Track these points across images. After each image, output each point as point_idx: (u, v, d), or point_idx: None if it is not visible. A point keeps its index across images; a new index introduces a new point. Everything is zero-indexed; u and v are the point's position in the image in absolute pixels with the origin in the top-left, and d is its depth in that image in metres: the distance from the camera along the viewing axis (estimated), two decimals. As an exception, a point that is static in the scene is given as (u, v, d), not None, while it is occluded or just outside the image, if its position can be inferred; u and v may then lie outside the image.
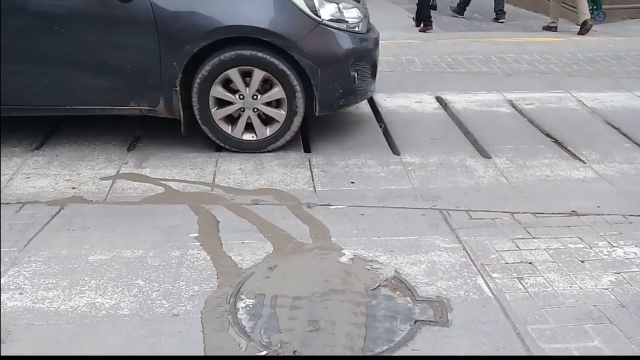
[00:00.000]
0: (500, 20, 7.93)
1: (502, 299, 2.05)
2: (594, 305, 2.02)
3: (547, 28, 7.31)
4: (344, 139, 3.57)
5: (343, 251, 2.36)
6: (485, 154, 3.39)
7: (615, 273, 2.22)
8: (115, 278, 2.15)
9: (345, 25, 3.29)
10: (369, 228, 2.56)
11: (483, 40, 6.40)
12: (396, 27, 7.89)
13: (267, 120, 3.31)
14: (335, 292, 2.08)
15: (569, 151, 3.45)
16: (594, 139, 3.63)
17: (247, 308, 1.99)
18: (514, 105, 4.20)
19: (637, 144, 3.56)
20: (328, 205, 2.77)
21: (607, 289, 2.12)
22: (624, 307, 2.02)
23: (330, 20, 3.24)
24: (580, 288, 2.13)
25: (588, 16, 7.01)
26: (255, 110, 3.26)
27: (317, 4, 3.21)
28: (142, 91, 3.20)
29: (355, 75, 3.33)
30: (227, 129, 3.30)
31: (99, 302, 2.01)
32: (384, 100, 4.24)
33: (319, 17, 3.20)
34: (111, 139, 3.42)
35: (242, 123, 3.29)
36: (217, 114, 3.25)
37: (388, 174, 3.12)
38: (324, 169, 3.17)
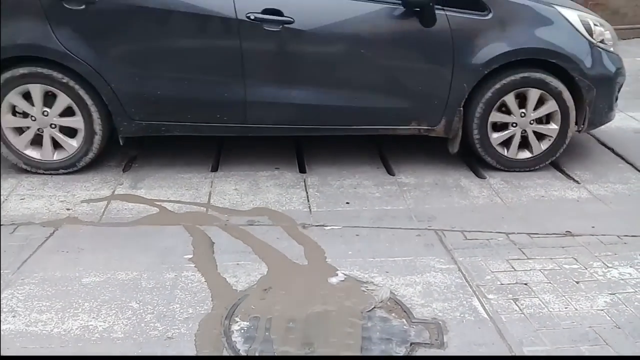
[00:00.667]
0: None
1: (497, 321, 2.05)
2: (590, 327, 2.02)
3: None
4: (339, 158, 3.58)
5: (338, 272, 2.36)
6: (479, 174, 3.40)
7: (611, 294, 2.22)
8: (109, 300, 2.13)
9: (607, 46, 3.44)
10: (364, 249, 2.56)
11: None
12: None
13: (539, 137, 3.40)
14: (330, 314, 2.07)
15: (562, 171, 3.46)
16: (588, 159, 3.66)
17: (242, 330, 1.98)
18: (508, 126, 4.21)
19: (631, 164, 3.58)
20: (323, 225, 2.77)
21: (602, 310, 2.12)
22: (619, 328, 2.01)
23: (600, 41, 3.38)
24: (576, 309, 2.12)
25: None
26: (524, 131, 3.36)
27: (592, 26, 3.35)
28: (427, 111, 3.31)
29: (617, 94, 3.51)
30: (502, 150, 3.40)
31: (92, 324, 1.99)
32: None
33: (593, 38, 3.34)
34: (107, 160, 3.42)
35: (515, 142, 3.39)
36: (496, 138, 3.36)
37: (383, 194, 3.13)
38: (319, 189, 3.18)
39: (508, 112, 3.33)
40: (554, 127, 3.36)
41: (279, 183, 3.23)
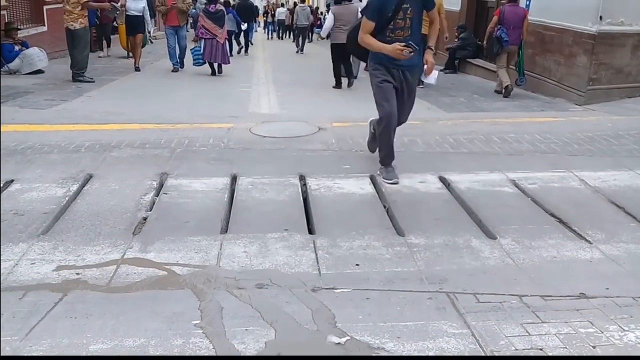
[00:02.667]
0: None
1: (513, 389, 1.99)
2: (609, 395, 1.96)
3: (506, 92, 8.67)
4: (348, 219, 3.58)
5: (348, 338, 2.31)
6: (490, 235, 3.38)
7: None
8: (116, 368, 2.10)
9: None
10: (375, 313, 2.52)
11: (484, 120, 6.53)
12: (398, 108, 8.09)
13: None
14: (341, 382, 2.03)
15: (574, 231, 3.44)
16: (599, 219, 3.63)
17: (251, 400, 1.93)
18: (517, 185, 4.22)
19: (643, 223, 3.55)
20: (333, 289, 2.74)
21: (621, 376, 2.06)
22: (640, 396, 1.95)
23: None
24: (594, 376, 2.06)
25: (509, 82, 8.65)
26: None
27: None
28: None
29: None
30: None
31: (98, 394, 1.96)
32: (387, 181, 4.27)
33: None
34: (117, 223, 3.44)
35: None
36: None
37: (393, 256, 3.11)
38: (329, 250, 3.16)
39: None
40: None
41: (288, 245, 3.22)
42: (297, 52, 18.13)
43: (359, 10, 9.51)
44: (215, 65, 11.00)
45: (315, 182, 4.20)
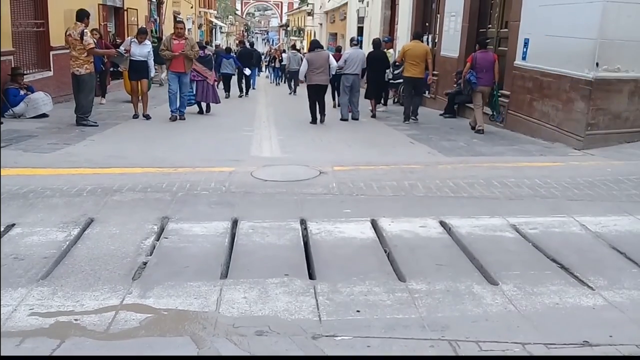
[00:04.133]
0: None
1: None
2: None
3: (477, 131, 9.58)
4: (348, 264, 3.57)
5: (349, 387, 2.28)
6: (492, 281, 3.36)
7: (635, 410, 2.12)
8: (112, 418, 2.06)
9: None
10: (376, 361, 2.49)
11: (483, 165, 6.57)
12: (398, 152, 8.18)
13: None
14: None
15: (576, 277, 3.42)
16: (601, 265, 3.62)
17: None
18: (517, 230, 4.22)
19: (645, 269, 3.54)
20: (334, 336, 2.71)
21: None
22: None
23: None
24: None
25: (482, 125, 9.65)
26: None
27: None
28: None
29: None
30: None
31: None
32: (388, 225, 4.27)
33: None
34: (117, 268, 3.43)
35: None
36: None
37: (394, 302, 3.08)
38: (329, 296, 3.14)
39: None
40: None
41: (289, 291, 3.19)
42: (290, 93, 19.78)
43: (329, 56, 11.30)
44: (204, 105, 11.78)
45: (316, 226, 4.20)
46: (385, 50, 13.88)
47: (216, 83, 12.52)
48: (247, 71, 17.96)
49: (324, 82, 11.04)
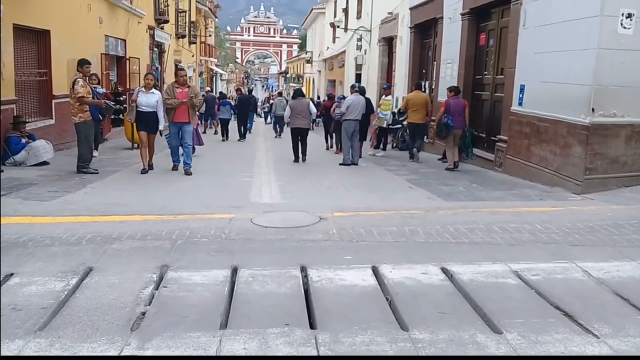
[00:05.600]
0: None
1: None
2: None
3: (449, 170, 10.73)
4: (350, 313, 3.52)
5: None
6: (496, 329, 3.31)
7: None
8: None
9: None
10: (380, 414, 2.43)
11: (483, 210, 6.57)
12: (398, 197, 8.19)
13: None
14: None
15: (580, 325, 3.37)
16: (605, 311, 3.57)
17: None
18: (519, 276, 4.19)
19: (650, 316, 3.50)
20: (336, 388, 2.66)
21: None
22: None
23: None
24: None
25: (457, 160, 10.84)
26: None
27: None
28: None
29: None
30: None
31: None
32: (390, 272, 4.24)
33: None
34: (115, 318, 3.38)
35: None
36: None
37: (397, 352, 3.03)
38: (331, 347, 3.09)
39: None
40: None
41: (289, 341, 3.14)
42: (276, 136, 20.78)
43: (309, 103, 12.74)
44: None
45: (317, 274, 4.17)
46: (383, 96, 14.17)
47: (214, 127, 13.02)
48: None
49: (305, 125, 12.41)
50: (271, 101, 26.42)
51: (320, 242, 5.04)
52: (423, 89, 14.41)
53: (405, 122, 14.10)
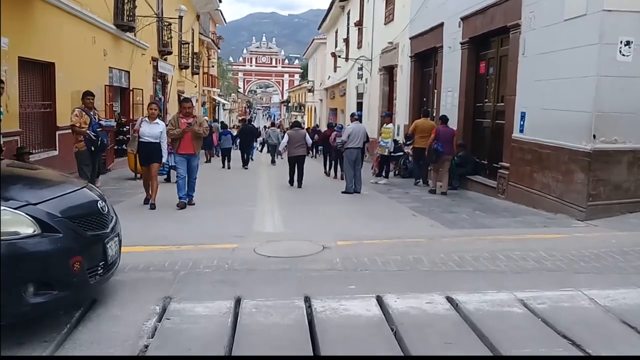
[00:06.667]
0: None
1: None
2: None
3: (431, 192, 11.65)
4: (354, 344, 3.48)
5: None
6: (502, 360, 3.27)
7: None
8: None
9: None
10: None
11: (487, 237, 6.55)
12: (401, 225, 8.17)
13: None
14: None
15: (588, 354, 3.33)
16: (612, 340, 3.53)
17: None
18: (525, 305, 4.15)
19: (658, 345, 3.45)
20: (341, 422, 2.61)
21: None
22: None
23: None
24: None
25: (446, 189, 11.48)
26: None
27: None
28: None
29: None
30: None
31: None
32: (394, 302, 4.21)
33: None
34: (118, 351, 3.35)
35: None
36: None
37: (403, 384, 2.99)
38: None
39: None
40: None
41: (294, 373, 3.11)
42: (271, 163, 21.61)
43: (306, 134, 13.84)
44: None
45: (321, 304, 4.14)
46: (384, 125, 14.27)
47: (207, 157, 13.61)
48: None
49: (301, 153, 13.51)
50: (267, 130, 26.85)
51: (323, 272, 5.01)
52: (431, 117, 14.57)
53: (408, 150, 14.22)
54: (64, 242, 3.55)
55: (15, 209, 3.43)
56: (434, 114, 14.55)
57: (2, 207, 3.34)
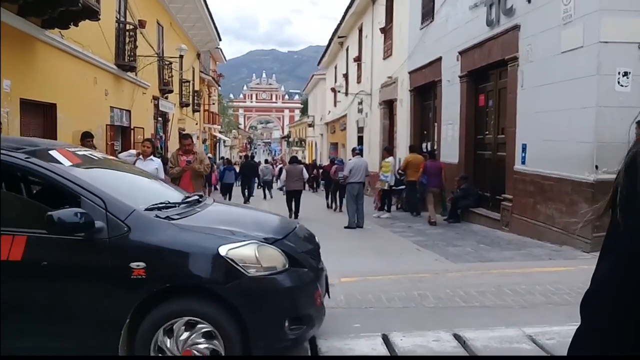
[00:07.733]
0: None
1: None
2: None
3: (431, 223, 11.78)
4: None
5: None
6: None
7: None
8: None
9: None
10: None
11: (493, 271, 6.47)
12: (405, 260, 8.09)
13: None
14: None
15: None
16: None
17: None
18: (534, 341, 4.06)
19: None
20: None
21: None
22: None
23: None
24: None
25: (434, 217, 11.93)
26: None
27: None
28: None
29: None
30: None
31: None
32: (400, 340, 4.12)
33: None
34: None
35: None
36: None
37: None
38: (343, 423, 2.96)
39: None
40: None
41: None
42: (264, 198, 22.52)
43: (303, 169, 14.71)
44: None
45: (325, 344, 4.06)
46: (384, 159, 14.33)
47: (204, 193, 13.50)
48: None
49: (299, 187, 14.44)
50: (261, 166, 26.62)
51: (327, 310, 4.91)
52: (424, 150, 14.71)
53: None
54: (310, 277, 3.56)
55: (270, 244, 3.43)
56: (435, 147, 14.59)
57: (257, 241, 3.39)
